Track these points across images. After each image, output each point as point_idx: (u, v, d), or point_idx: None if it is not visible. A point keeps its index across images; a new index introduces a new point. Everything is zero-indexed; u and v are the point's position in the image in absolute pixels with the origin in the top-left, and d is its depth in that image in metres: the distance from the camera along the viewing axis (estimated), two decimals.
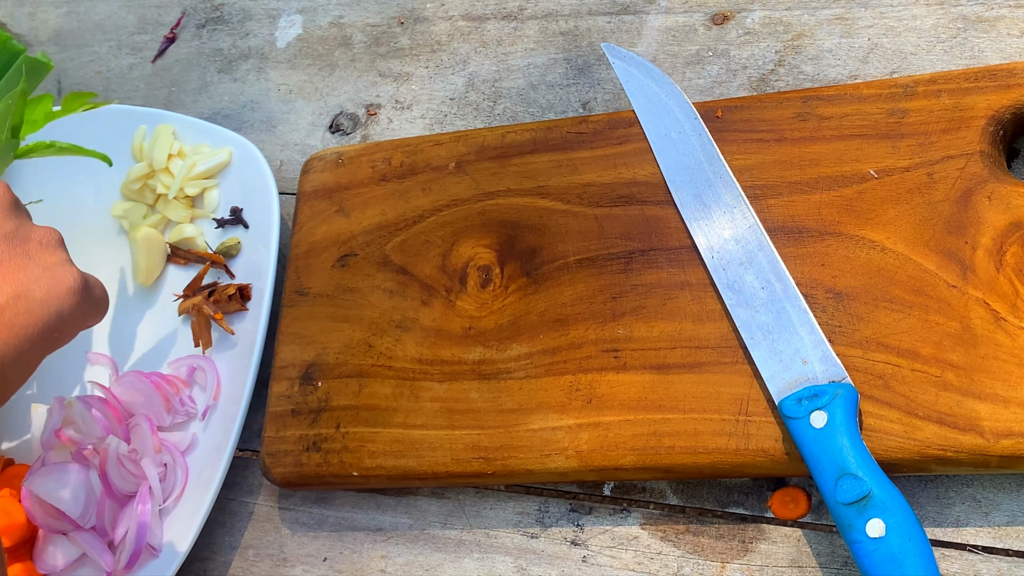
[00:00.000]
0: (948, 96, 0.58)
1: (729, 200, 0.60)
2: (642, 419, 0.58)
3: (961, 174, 0.56)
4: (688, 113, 0.63)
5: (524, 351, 0.62)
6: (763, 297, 0.57)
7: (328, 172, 0.73)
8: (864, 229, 0.57)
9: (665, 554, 0.59)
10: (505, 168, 0.67)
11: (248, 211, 0.75)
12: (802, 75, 0.66)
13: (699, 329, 0.59)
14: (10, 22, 0.95)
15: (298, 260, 0.71)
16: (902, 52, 0.64)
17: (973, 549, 0.54)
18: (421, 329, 0.66)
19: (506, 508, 0.64)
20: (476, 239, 0.66)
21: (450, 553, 0.64)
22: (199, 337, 0.72)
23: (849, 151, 0.59)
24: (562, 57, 0.74)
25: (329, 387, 0.67)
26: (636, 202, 0.63)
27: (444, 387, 0.64)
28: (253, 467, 0.71)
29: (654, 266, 0.61)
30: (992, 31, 0.62)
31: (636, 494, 0.61)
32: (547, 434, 0.60)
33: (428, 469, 0.62)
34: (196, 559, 0.70)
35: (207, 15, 0.88)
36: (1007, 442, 0.51)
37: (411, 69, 0.78)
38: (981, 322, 0.53)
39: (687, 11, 0.71)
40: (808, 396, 0.53)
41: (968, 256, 0.54)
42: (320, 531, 0.68)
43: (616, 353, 0.60)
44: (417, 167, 0.70)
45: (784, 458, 0.55)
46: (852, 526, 0.51)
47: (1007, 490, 0.54)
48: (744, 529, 0.58)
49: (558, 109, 0.72)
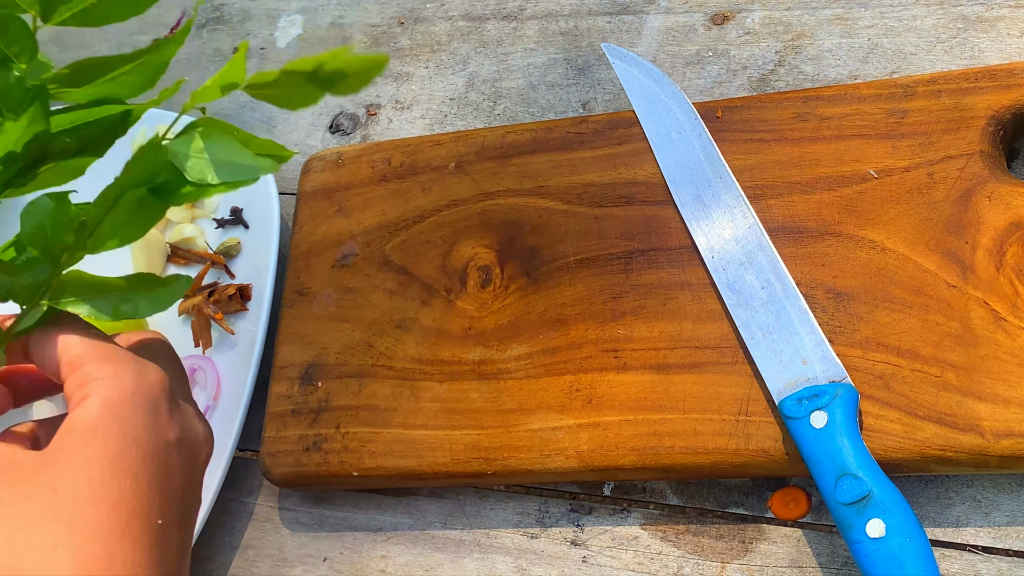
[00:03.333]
0: (948, 96, 0.57)
1: (729, 200, 0.60)
2: (642, 419, 0.58)
3: (961, 174, 0.56)
4: (688, 113, 0.63)
5: (524, 351, 0.62)
6: (763, 297, 0.57)
7: (328, 172, 0.73)
8: (864, 229, 0.57)
9: (665, 554, 0.59)
10: (505, 168, 0.67)
11: (248, 211, 0.75)
12: (802, 75, 0.66)
13: (699, 329, 0.59)
14: None
15: (298, 260, 0.71)
16: (902, 52, 0.64)
17: (973, 549, 0.54)
18: (421, 329, 0.66)
19: (506, 508, 0.64)
20: (476, 239, 0.66)
21: (450, 553, 0.64)
22: (199, 337, 0.72)
23: (849, 151, 0.59)
24: (562, 57, 0.74)
25: (329, 387, 0.67)
26: (636, 202, 0.63)
27: (444, 387, 0.64)
28: (253, 467, 0.71)
29: (654, 266, 0.61)
30: (992, 31, 0.62)
31: (636, 494, 0.61)
32: (547, 434, 0.60)
33: (428, 469, 0.62)
34: (196, 559, 0.69)
35: (207, 15, 0.88)
36: (1007, 442, 0.51)
37: (411, 69, 0.78)
38: (981, 322, 0.53)
39: (687, 11, 0.71)
40: (808, 396, 0.53)
41: (968, 256, 0.54)
42: (320, 531, 0.68)
43: (616, 353, 0.60)
44: (417, 167, 0.70)
45: (784, 458, 0.55)
46: (852, 526, 0.51)
47: (1007, 490, 0.54)
48: (744, 529, 0.58)
49: (558, 109, 0.72)
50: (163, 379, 0.48)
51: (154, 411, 0.47)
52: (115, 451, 0.44)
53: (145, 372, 0.48)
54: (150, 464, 0.45)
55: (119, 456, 0.44)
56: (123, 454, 0.45)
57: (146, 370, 0.48)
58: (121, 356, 0.48)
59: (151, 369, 0.48)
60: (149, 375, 0.48)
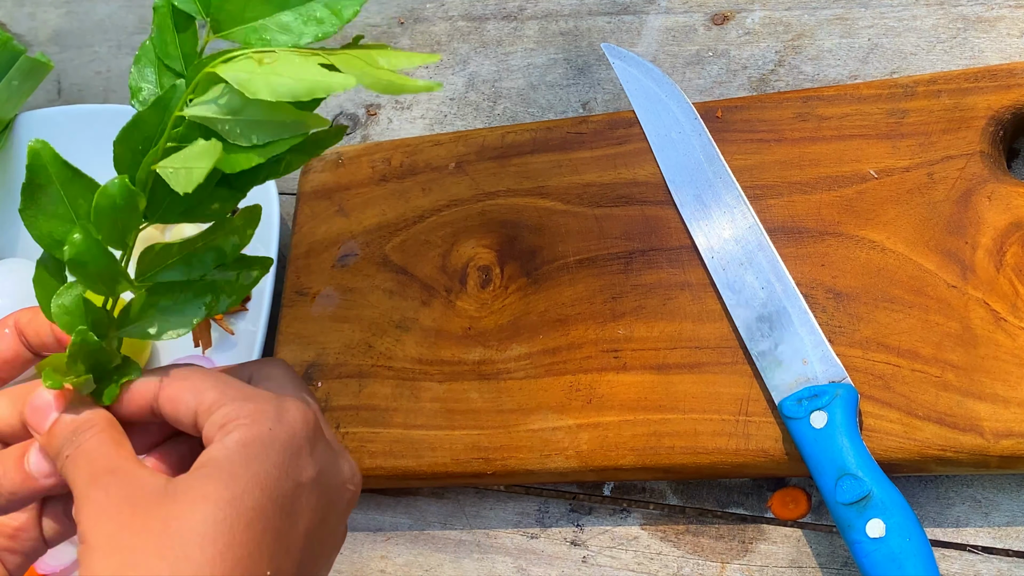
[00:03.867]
0: (948, 96, 0.57)
1: (729, 200, 0.60)
2: (642, 419, 0.58)
3: (961, 174, 0.56)
4: (688, 113, 0.63)
5: (524, 351, 0.62)
6: (763, 297, 0.57)
7: (328, 172, 0.73)
8: (864, 229, 0.57)
9: (665, 554, 0.59)
10: (505, 168, 0.67)
11: None
12: (802, 75, 0.66)
13: (699, 329, 0.59)
14: (10, 22, 0.95)
15: (298, 260, 0.71)
16: (902, 52, 0.64)
17: (973, 549, 0.54)
18: (421, 329, 0.66)
19: (506, 508, 0.64)
20: (476, 239, 0.66)
21: (450, 553, 0.64)
22: (199, 337, 0.72)
23: (849, 151, 0.59)
24: (562, 57, 0.74)
25: (329, 387, 0.67)
26: (636, 202, 0.63)
27: (444, 387, 0.64)
28: None
29: (654, 266, 0.61)
30: (992, 31, 0.62)
31: (636, 494, 0.61)
32: (547, 434, 0.60)
33: (428, 469, 0.62)
34: None
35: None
36: (1007, 442, 0.51)
37: (411, 69, 0.78)
38: (981, 322, 0.53)
39: (687, 11, 0.71)
40: (808, 396, 0.53)
41: (968, 256, 0.54)
42: None
43: (616, 353, 0.60)
44: (417, 167, 0.70)
45: (784, 458, 0.55)
46: (852, 526, 0.51)
47: (1007, 490, 0.54)
48: (744, 529, 0.58)
49: (558, 109, 0.72)
50: (307, 416, 0.45)
51: (291, 451, 0.44)
52: (236, 491, 0.42)
53: (286, 409, 0.45)
54: (272, 507, 0.43)
55: (239, 496, 0.42)
56: (244, 495, 0.42)
57: (287, 406, 0.45)
58: (260, 395, 0.45)
59: (293, 406, 0.45)
60: (291, 412, 0.45)
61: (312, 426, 0.45)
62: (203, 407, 0.45)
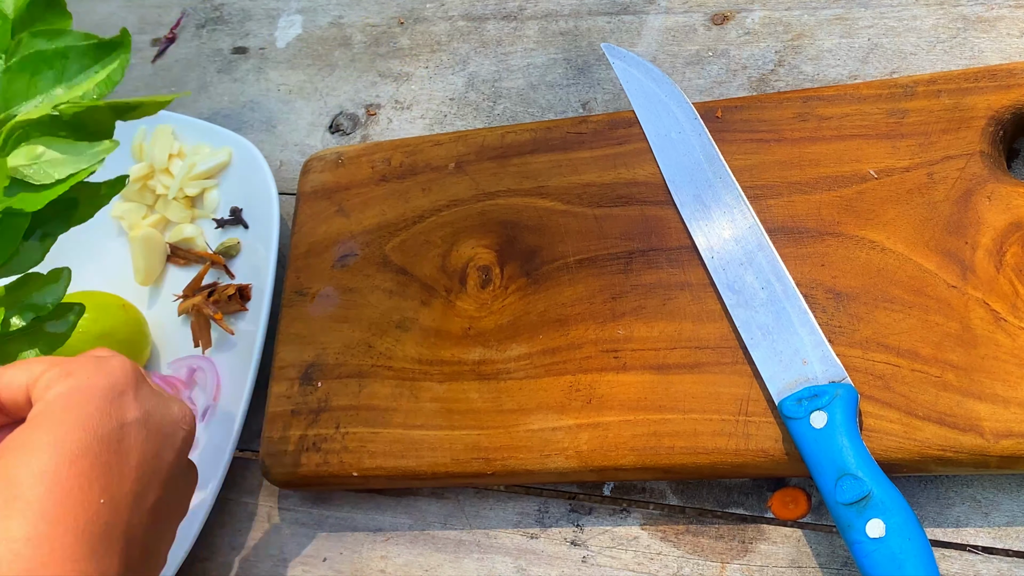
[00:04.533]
0: (948, 96, 0.57)
1: (729, 200, 0.60)
2: (642, 419, 0.58)
3: (961, 174, 0.56)
4: (688, 113, 0.63)
5: (524, 351, 0.62)
6: (763, 297, 0.57)
7: (328, 172, 0.73)
8: (864, 229, 0.57)
9: (665, 554, 0.59)
10: (505, 168, 0.67)
11: (248, 211, 0.75)
12: (802, 75, 0.66)
13: (699, 329, 0.59)
14: None
15: (298, 260, 0.71)
16: (902, 52, 0.64)
17: (973, 549, 0.54)
18: (421, 329, 0.66)
19: (506, 508, 0.64)
20: (476, 239, 0.66)
21: (450, 553, 0.64)
22: (199, 337, 0.72)
23: (849, 151, 0.59)
24: (562, 57, 0.74)
25: (329, 387, 0.67)
26: (636, 202, 0.63)
27: (444, 387, 0.64)
28: (253, 467, 0.71)
29: (654, 266, 0.61)
30: (992, 31, 0.62)
31: (636, 494, 0.61)
32: (547, 434, 0.60)
33: (428, 469, 0.62)
34: (196, 559, 0.69)
35: (207, 15, 0.88)
36: (1007, 442, 0.51)
37: (411, 69, 0.78)
38: (981, 322, 0.53)
39: (687, 11, 0.71)
40: (808, 396, 0.53)
41: (968, 256, 0.54)
42: (320, 531, 0.68)
43: (616, 353, 0.60)
44: (417, 167, 0.70)
45: (784, 458, 0.55)
46: (852, 526, 0.51)
47: (1007, 490, 0.54)
48: (744, 529, 0.58)
49: (558, 109, 0.72)
50: (126, 366, 0.50)
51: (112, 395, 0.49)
52: (60, 434, 0.47)
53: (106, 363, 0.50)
54: (98, 445, 0.48)
55: (62, 439, 0.47)
56: (66, 436, 0.47)
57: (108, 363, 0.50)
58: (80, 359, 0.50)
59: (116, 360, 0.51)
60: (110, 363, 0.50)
61: (133, 374, 0.51)
62: (32, 379, 0.50)
